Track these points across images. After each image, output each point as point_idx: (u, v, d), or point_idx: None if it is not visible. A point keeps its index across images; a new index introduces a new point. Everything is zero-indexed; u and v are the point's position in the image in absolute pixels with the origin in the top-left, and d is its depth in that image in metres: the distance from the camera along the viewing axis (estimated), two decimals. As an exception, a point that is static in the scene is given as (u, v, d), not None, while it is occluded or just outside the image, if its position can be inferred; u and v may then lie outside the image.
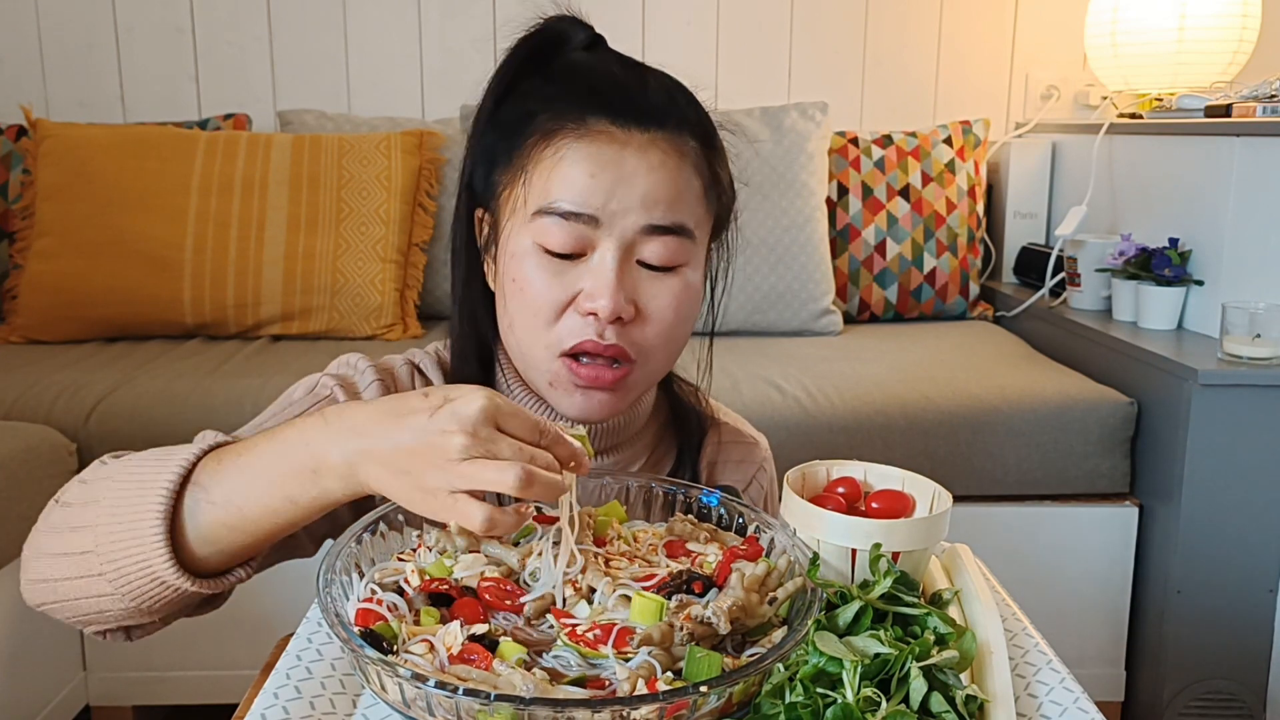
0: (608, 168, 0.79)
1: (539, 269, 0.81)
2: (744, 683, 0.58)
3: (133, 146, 2.15)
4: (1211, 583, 1.70)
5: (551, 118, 0.81)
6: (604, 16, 0.94)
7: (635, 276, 0.82)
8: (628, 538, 0.77)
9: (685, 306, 0.84)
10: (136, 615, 0.74)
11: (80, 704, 1.74)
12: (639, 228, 0.80)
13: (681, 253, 0.83)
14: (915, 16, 2.60)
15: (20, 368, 1.86)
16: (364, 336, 2.15)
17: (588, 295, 0.80)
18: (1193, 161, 1.93)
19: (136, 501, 0.71)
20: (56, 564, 0.74)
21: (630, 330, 0.82)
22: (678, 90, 0.86)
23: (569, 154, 0.80)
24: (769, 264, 2.21)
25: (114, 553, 0.71)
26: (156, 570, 0.70)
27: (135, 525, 0.70)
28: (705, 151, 0.85)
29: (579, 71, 0.84)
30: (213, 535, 0.71)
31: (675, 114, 0.83)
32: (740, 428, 1.04)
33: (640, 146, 0.80)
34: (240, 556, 0.74)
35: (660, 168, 0.80)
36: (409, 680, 0.56)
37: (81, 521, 0.73)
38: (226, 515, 0.71)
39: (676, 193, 0.81)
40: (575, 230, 0.80)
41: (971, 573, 0.76)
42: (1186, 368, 1.67)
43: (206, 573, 0.73)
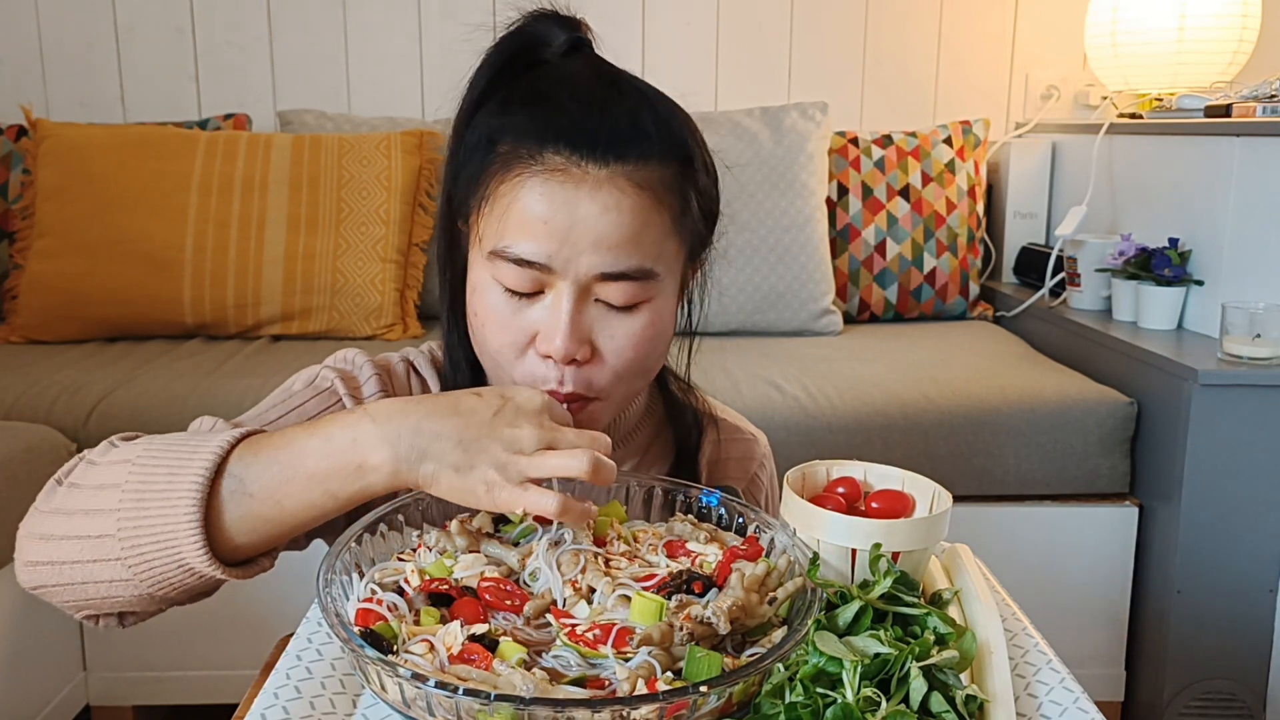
0: (560, 211, 0.76)
1: (497, 307, 0.80)
2: (744, 683, 0.58)
3: (133, 146, 2.15)
4: (1211, 583, 1.70)
5: (511, 147, 0.78)
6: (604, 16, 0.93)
7: (592, 315, 0.79)
8: (628, 538, 0.77)
9: (646, 343, 0.81)
10: (145, 601, 0.73)
11: (80, 704, 1.74)
12: (594, 274, 0.77)
13: (643, 292, 0.79)
14: (915, 16, 2.60)
15: (20, 368, 1.86)
16: (364, 336, 2.15)
17: (543, 337, 0.79)
18: (1193, 161, 1.93)
19: (166, 488, 0.70)
20: (63, 547, 0.72)
21: (588, 371, 0.80)
22: (650, 112, 0.80)
23: (523, 194, 0.77)
24: (769, 264, 2.21)
25: (138, 538, 0.70)
26: (187, 558, 0.70)
27: (166, 512, 0.69)
28: (678, 177, 0.80)
29: (544, 92, 0.80)
30: (248, 526, 0.71)
31: (639, 143, 0.77)
32: (739, 424, 1.03)
33: (595, 185, 0.76)
34: (270, 546, 0.75)
35: (615, 209, 0.76)
36: (409, 680, 0.56)
37: (96, 505, 0.71)
38: (264, 508, 0.71)
39: (634, 235, 0.77)
40: (529, 274, 0.78)
41: (971, 573, 0.76)
42: (1186, 368, 1.67)
43: (234, 561, 0.73)
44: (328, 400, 0.89)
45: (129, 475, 0.71)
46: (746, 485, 1.01)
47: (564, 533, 0.74)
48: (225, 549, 0.72)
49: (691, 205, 0.82)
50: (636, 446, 0.97)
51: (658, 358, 0.85)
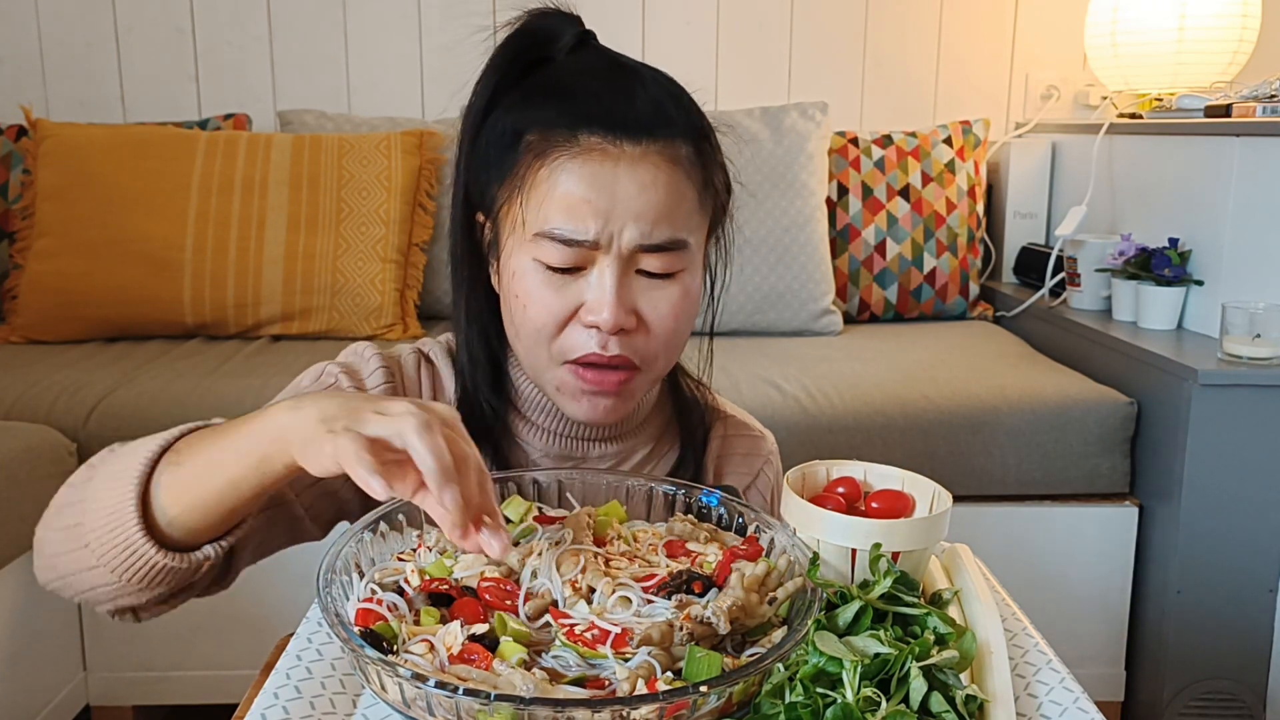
0: (602, 191, 0.80)
1: (541, 285, 0.83)
2: (744, 683, 0.58)
3: (133, 146, 2.15)
4: (1211, 583, 1.70)
5: (542, 136, 0.81)
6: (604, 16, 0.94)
7: (635, 287, 0.83)
8: (628, 538, 0.77)
9: (685, 311, 0.85)
10: (130, 592, 0.74)
11: (80, 704, 1.74)
12: (636, 246, 0.81)
13: (678, 261, 0.84)
14: (915, 16, 2.60)
15: (20, 368, 1.86)
16: (364, 336, 2.15)
17: (589, 309, 0.82)
18: (1193, 161, 1.93)
19: (119, 473, 0.73)
20: (55, 539, 0.76)
21: (633, 339, 0.84)
22: (667, 94, 0.85)
23: (563, 176, 0.80)
24: (769, 264, 2.21)
25: (96, 523, 0.72)
26: (130, 537, 0.71)
27: (115, 494, 0.72)
28: (698, 154, 0.85)
29: (566, 84, 0.84)
30: (171, 497, 0.72)
31: (665, 121, 0.82)
32: (747, 421, 1.04)
33: (632, 162, 0.80)
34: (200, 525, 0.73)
35: (653, 185, 0.81)
36: (409, 680, 0.56)
37: (78, 498, 0.75)
38: (184, 472, 0.72)
39: (670, 208, 0.82)
40: (574, 251, 0.81)
41: (971, 573, 0.76)
42: (1186, 368, 1.67)
43: (179, 546, 0.73)
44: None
45: (101, 469, 0.75)
46: (752, 481, 1.01)
47: (564, 533, 0.74)
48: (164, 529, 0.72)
49: (713, 178, 0.87)
50: (648, 437, 0.97)
51: (689, 327, 0.88)
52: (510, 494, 0.81)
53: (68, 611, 1.72)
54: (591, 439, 0.94)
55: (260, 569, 1.78)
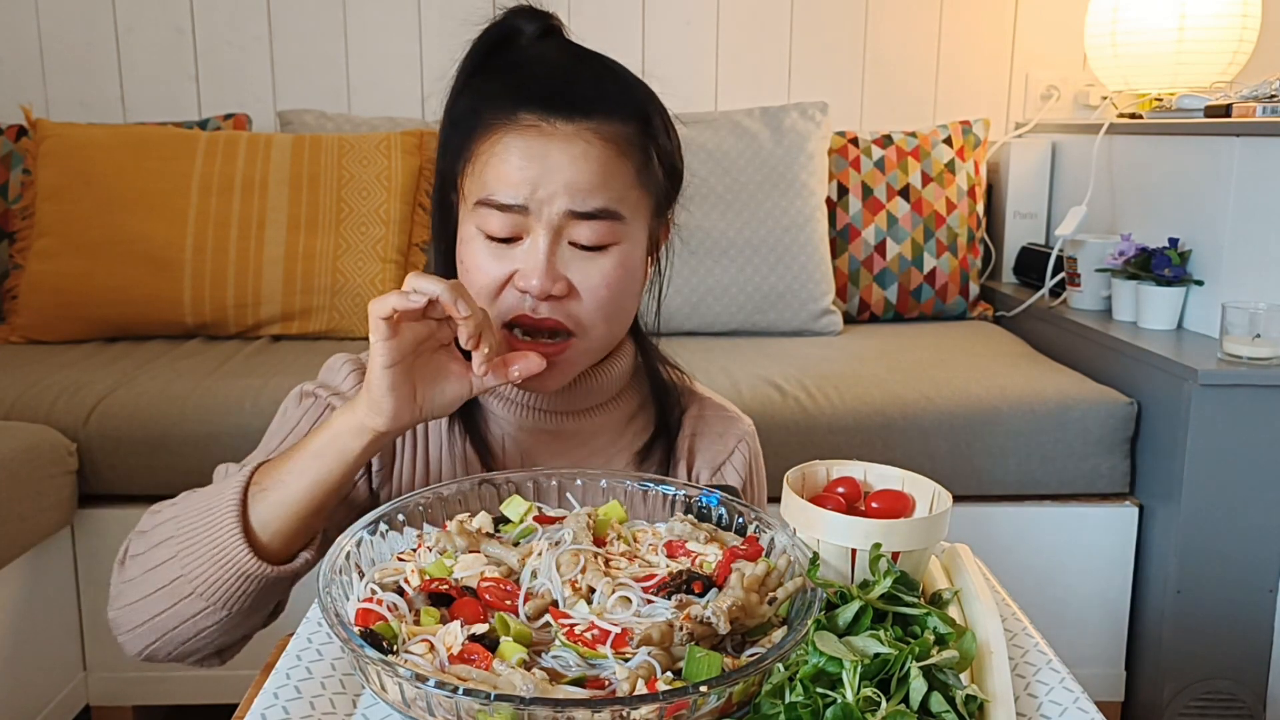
0: (534, 160, 0.85)
1: (481, 252, 0.89)
2: (744, 683, 0.58)
3: (133, 146, 2.15)
4: (1211, 583, 1.70)
5: (490, 113, 0.87)
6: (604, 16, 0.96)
7: (567, 256, 0.88)
8: (628, 538, 0.77)
9: (618, 283, 0.89)
10: (231, 625, 0.84)
11: (80, 704, 1.74)
12: (565, 212, 0.86)
13: (611, 233, 0.88)
14: (915, 16, 2.60)
15: (20, 368, 1.86)
16: (364, 336, 2.14)
17: (521, 274, 0.87)
18: (1192, 161, 1.93)
19: (209, 520, 0.82)
20: (148, 604, 0.83)
21: (565, 305, 0.89)
22: (612, 79, 0.90)
23: (500, 149, 0.86)
24: (769, 264, 2.21)
25: (199, 567, 0.81)
26: (241, 565, 0.81)
27: (214, 536, 0.81)
28: (639, 134, 0.89)
29: (516, 67, 0.90)
30: (271, 513, 0.82)
31: (603, 103, 0.87)
32: (724, 404, 1.06)
33: (565, 137, 0.85)
34: (299, 532, 0.84)
35: (583, 157, 0.85)
36: (409, 680, 0.56)
37: (159, 559, 0.83)
38: (276, 494, 0.82)
39: (602, 179, 0.86)
40: (510, 219, 0.86)
41: (971, 573, 0.76)
42: (1186, 368, 1.67)
43: (279, 560, 0.84)
44: (318, 410, 0.96)
45: (176, 528, 0.83)
46: (726, 459, 1.03)
47: (564, 533, 0.74)
48: (266, 546, 0.83)
49: (653, 161, 0.91)
50: (621, 414, 1.00)
51: (630, 300, 0.93)
52: (510, 494, 0.81)
53: (68, 611, 1.72)
54: (561, 412, 0.98)
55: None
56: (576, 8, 2.48)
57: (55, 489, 1.62)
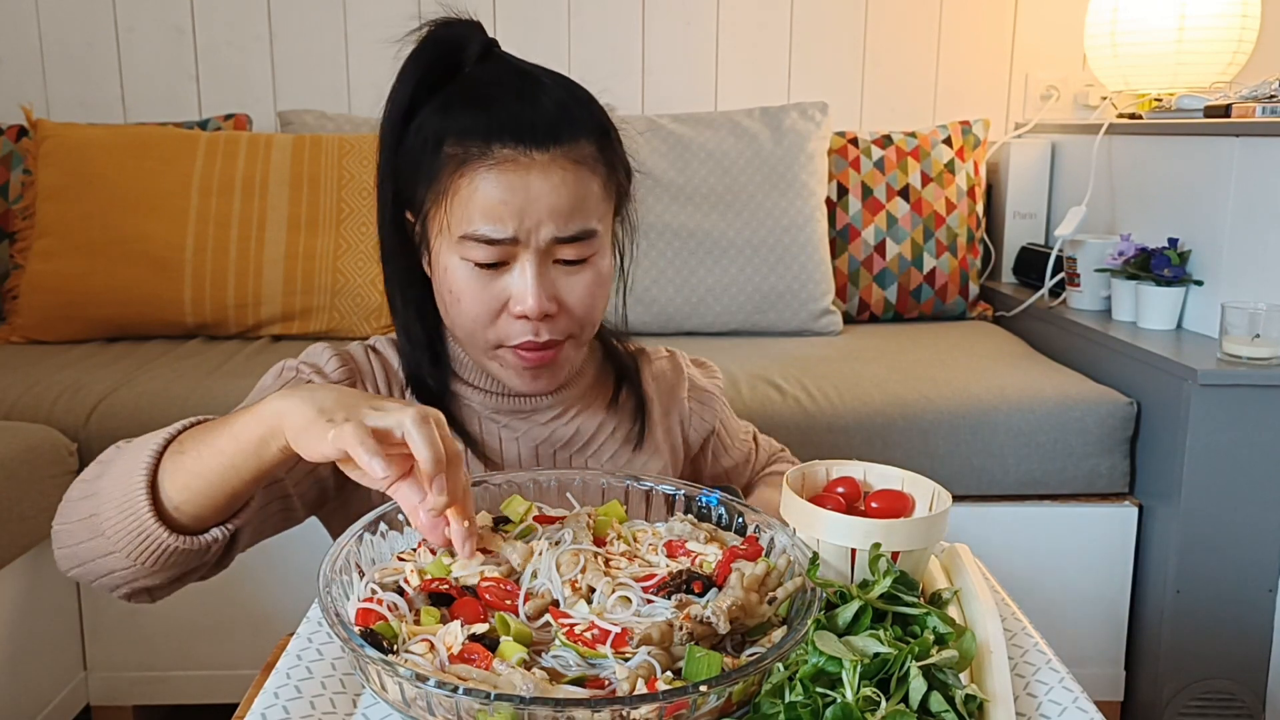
0: (516, 193, 0.88)
1: (470, 281, 0.91)
2: (744, 682, 0.59)
3: (133, 147, 2.15)
4: (1211, 583, 1.70)
5: (460, 146, 0.89)
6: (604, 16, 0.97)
7: (553, 275, 0.92)
8: (627, 538, 0.78)
9: (597, 289, 0.95)
10: (144, 574, 0.81)
11: (80, 704, 1.75)
12: (551, 239, 0.90)
13: (589, 248, 0.93)
14: (915, 16, 2.60)
15: (20, 368, 1.86)
16: (364, 336, 2.13)
17: (516, 300, 0.91)
18: (1192, 161, 1.93)
19: (130, 463, 0.79)
20: (72, 530, 0.82)
21: (557, 321, 0.93)
22: (571, 99, 0.93)
23: (481, 184, 0.88)
24: (769, 264, 2.21)
25: (110, 513, 0.79)
26: (143, 523, 0.77)
27: (126, 484, 0.78)
28: (600, 149, 0.93)
29: (479, 94, 0.91)
30: (176, 484, 0.78)
31: (569, 125, 0.90)
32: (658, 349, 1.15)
33: (543, 168, 0.88)
34: (206, 509, 0.79)
35: (562, 184, 0.89)
36: (409, 680, 0.56)
37: (89, 492, 0.81)
38: (188, 461, 0.78)
39: (580, 202, 0.90)
40: (497, 249, 0.90)
41: (971, 572, 0.76)
42: (1186, 368, 1.67)
43: (188, 530, 0.80)
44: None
45: (111, 466, 0.81)
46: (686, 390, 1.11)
47: (564, 533, 0.74)
48: (172, 514, 0.79)
49: (615, 169, 0.96)
50: (583, 386, 1.06)
51: (605, 299, 0.98)
52: (510, 494, 0.81)
53: (68, 611, 1.72)
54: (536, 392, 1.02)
55: (260, 569, 1.78)
56: (576, 8, 2.49)
57: (55, 489, 1.62)
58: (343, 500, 0.98)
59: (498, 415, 1.02)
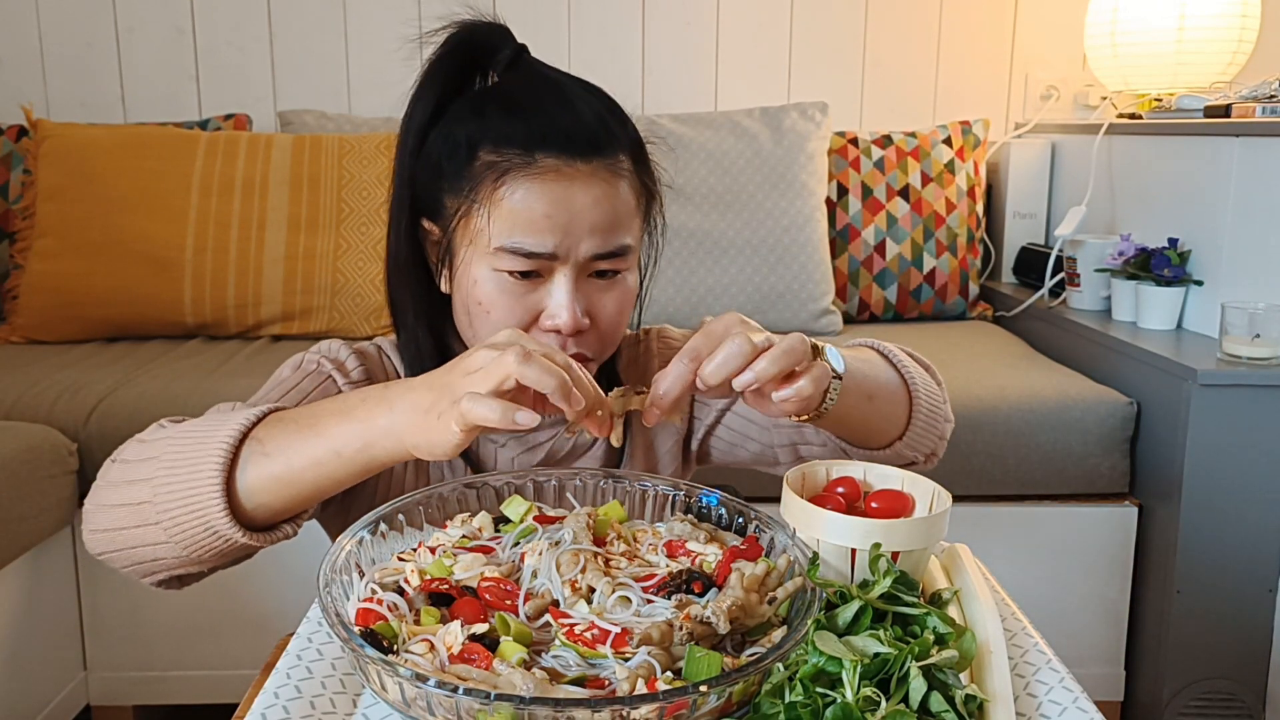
0: (560, 207, 0.85)
1: (503, 294, 0.88)
2: (744, 682, 0.59)
3: (133, 147, 2.15)
4: (1211, 582, 1.70)
5: (496, 153, 0.86)
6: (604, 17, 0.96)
7: (586, 289, 0.89)
8: (628, 538, 0.77)
9: (626, 304, 0.93)
10: (189, 564, 0.79)
11: (80, 704, 1.75)
12: (590, 255, 0.87)
13: (623, 263, 0.91)
14: (915, 16, 2.60)
15: (20, 368, 1.86)
16: (364, 336, 2.14)
17: (549, 314, 0.88)
18: (1192, 161, 1.93)
19: (195, 455, 0.76)
20: (114, 514, 0.78)
21: (586, 337, 0.90)
22: (607, 110, 0.90)
23: (522, 194, 0.85)
24: (769, 264, 2.22)
25: (169, 502, 0.76)
26: (211, 520, 0.75)
27: (193, 476, 0.75)
28: (635, 163, 0.91)
29: (517, 102, 0.88)
30: (263, 485, 0.76)
31: (609, 137, 0.88)
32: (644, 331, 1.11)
33: (585, 181, 0.86)
34: (289, 509, 0.78)
35: (603, 199, 0.87)
36: (409, 680, 0.56)
37: (138, 475, 0.78)
38: (277, 466, 0.75)
39: (617, 216, 0.88)
40: (534, 262, 0.87)
41: (971, 572, 0.76)
42: (1186, 368, 1.67)
43: (256, 526, 0.78)
44: (318, 379, 0.94)
45: (165, 449, 0.78)
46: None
47: (564, 533, 0.74)
48: (248, 512, 0.77)
49: (648, 184, 0.94)
50: None
51: (630, 315, 0.96)
52: (510, 494, 0.81)
53: (68, 611, 1.72)
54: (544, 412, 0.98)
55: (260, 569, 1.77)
56: (576, 8, 2.49)
57: (55, 489, 1.62)
58: (344, 505, 0.97)
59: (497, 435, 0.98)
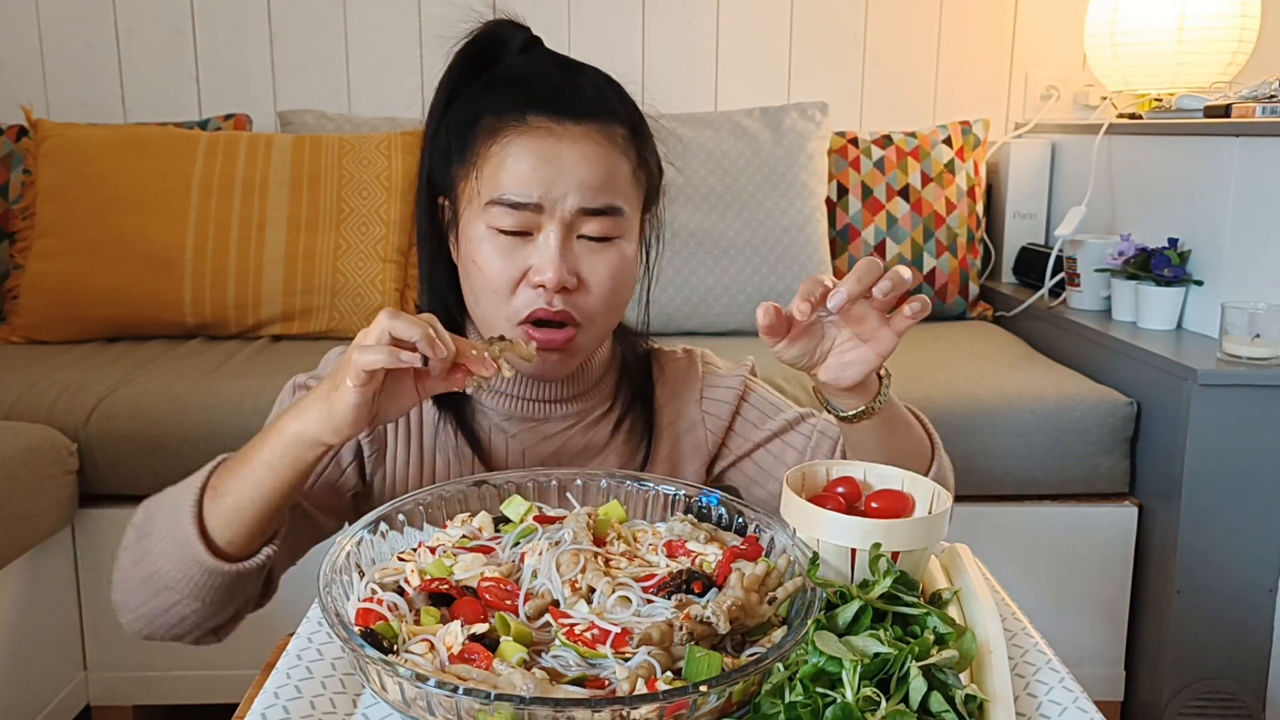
0: (547, 160, 0.90)
1: (494, 250, 0.92)
2: (744, 682, 0.59)
3: (133, 147, 2.15)
4: (1211, 582, 1.70)
5: (495, 118, 0.92)
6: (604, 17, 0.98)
7: (576, 251, 0.92)
8: (628, 538, 0.78)
9: (621, 274, 0.95)
10: (210, 611, 0.87)
11: (80, 704, 1.74)
12: (576, 209, 0.91)
13: (615, 228, 0.93)
14: (915, 16, 2.60)
15: (20, 368, 1.86)
16: (364, 336, 2.14)
17: (536, 270, 0.91)
18: (1192, 161, 1.93)
19: (173, 519, 0.84)
20: (135, 595, 0.87)
21: (575, 298, 0.93)
22: (608, 85, 0.96)
23: (513, 149, 0.90)
24: (769, 264, 2.21)
25: (168, 565, 0.84)
26: (201, 561, 0.83)
27: (176, 536, 0.84)
28: (633, 138, 0.95)
29: (517, 75, 0.94)
30: (226, 519, 0.83)
31: (605, 107, 0.93)
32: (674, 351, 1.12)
33: (575, 138, 0.90)
34: (255, 536, 0.85)
35: (593, 157, 0.91)
36: (409, 680, 0.56)
37: (139, 555, 0.87)
38: (231, 499, 0.83)
39: (608, 177, 0.92)
40: (522, 216, 0.90)
41: (971, 572, 0.76)
42: (1186, 368, 1.67)
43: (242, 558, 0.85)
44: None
45: (151, 525, 0.87)
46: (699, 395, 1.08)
47: (564, 533, 0.74)
48: (225, 548, 0.84)
49: (645, 160, 0.97)
50: (602, 396, 1.05)
51: (626, 291, 0.98)
52: (510, 494, 0.81)
53: (68, 611, 1.72)
54: (550, 400, 1.02)
55: (260, 569, 1.75)
56: (577, 8, 2.48)
57: (55, 489, 1.62)
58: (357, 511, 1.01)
59: (509, 424, 1.01)
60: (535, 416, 1.01)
